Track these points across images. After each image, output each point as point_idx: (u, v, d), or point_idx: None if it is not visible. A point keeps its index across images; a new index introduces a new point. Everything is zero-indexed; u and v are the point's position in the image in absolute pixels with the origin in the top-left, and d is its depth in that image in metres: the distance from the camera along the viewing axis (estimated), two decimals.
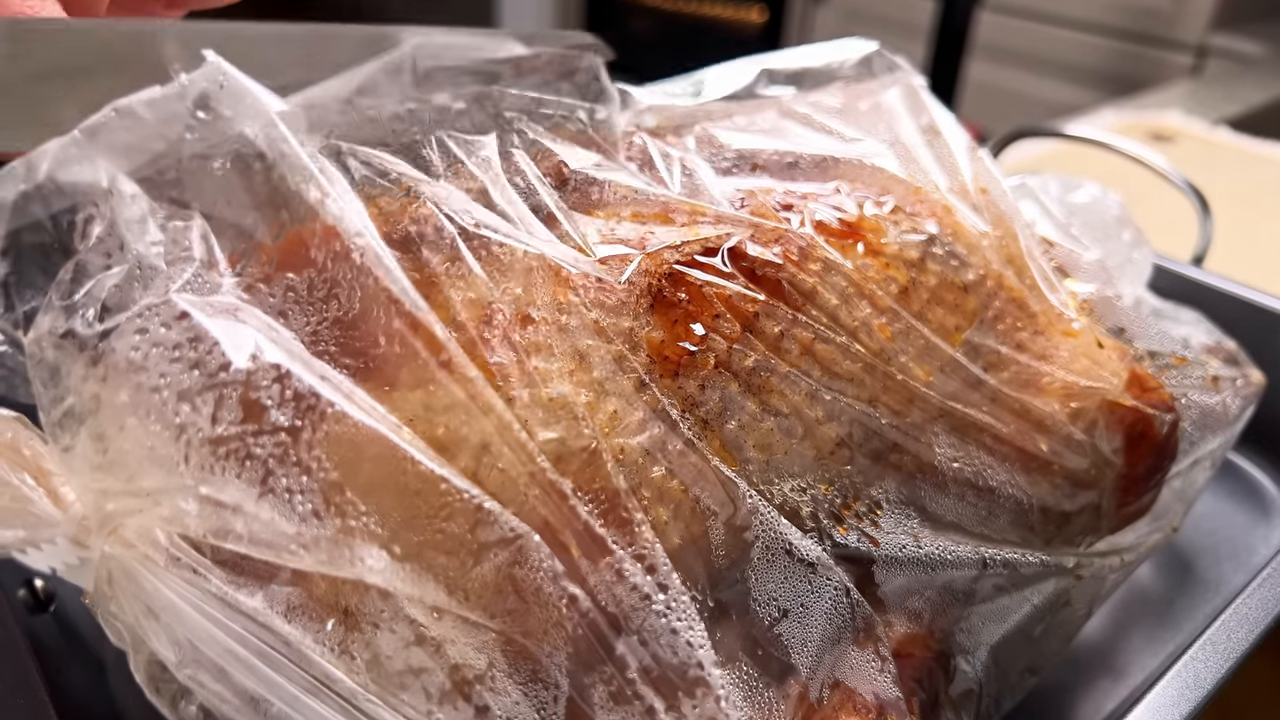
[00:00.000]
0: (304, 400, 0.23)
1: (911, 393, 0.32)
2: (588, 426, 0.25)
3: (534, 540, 0.23)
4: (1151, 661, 0.42)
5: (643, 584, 0.24)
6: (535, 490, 0.24)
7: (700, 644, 0.23)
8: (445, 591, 0.22)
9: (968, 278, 0.35)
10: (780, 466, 0.29)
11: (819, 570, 0.27)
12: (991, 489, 0.33)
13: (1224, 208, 0.64)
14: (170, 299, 0.25)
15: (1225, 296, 0.54)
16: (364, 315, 0.26)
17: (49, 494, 0.24)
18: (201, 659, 0.22)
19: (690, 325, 0.28)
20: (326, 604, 0.23)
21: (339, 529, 0.23)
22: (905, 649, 0.32)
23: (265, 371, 0.24)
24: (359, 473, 0.23)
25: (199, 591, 0.22)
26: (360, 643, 0.22)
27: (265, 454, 0.23)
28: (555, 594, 0.23)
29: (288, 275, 0.27)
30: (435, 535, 0.23)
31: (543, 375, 0.26)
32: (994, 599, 0.34)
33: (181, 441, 0.23)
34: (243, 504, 0.23)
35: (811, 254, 0.31)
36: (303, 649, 0.22)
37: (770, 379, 0.29)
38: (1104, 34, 1.69)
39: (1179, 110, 1.20)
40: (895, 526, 0.31)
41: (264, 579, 0.23)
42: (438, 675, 0.22)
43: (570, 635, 0.23)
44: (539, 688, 0.23)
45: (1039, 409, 0.34)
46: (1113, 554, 0.38)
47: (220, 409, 0.23)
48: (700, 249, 0.30)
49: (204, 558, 0.23)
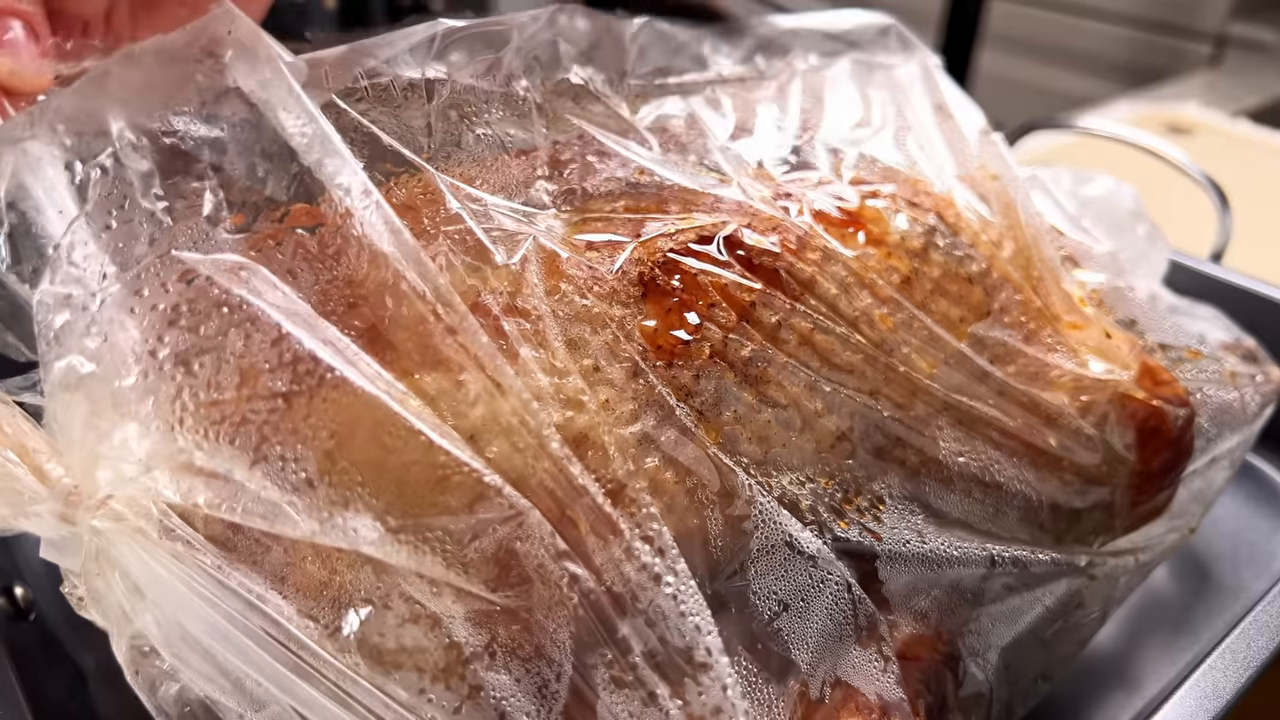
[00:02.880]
0: (303, 365, 0.24)
1: (915, 385, 0.32)
2: (584, 413, 0.26)
3: (535, 517, 0.23)
4: (1168, 671, 0.42)
5: (652, 564, 0.24)
6: (545, 463, 0.24)
7: (708, 630, 0.23)
8: (443, 564, 0.23)
9: (973, 269, 0.35)
10: (778, 459, 0.29)
11: (819, 564, 0.28)
12: (999, 485, 0.33)
13: (1243, 202, 0.64)
14: (171, 257, 0.26)
15: (1245, 293, 0.54)
16: (373, 281, 0.26)
17: (33, 470, 0.24)
18: (189, 638, 0.22)
19: (684, 314, 0.28)
20: (319, 581, 0.23)
21: (332, 498, 0.23)
22: (912, 650, 0.32)
23: (265, 334, 0.24)
24: (356, 441, 0.23)
25: (189, 568, 0.23)
26: (353, 620, 0.23)
27: (260, 420, 0.23)
28: (557, 572, 0.23)
29: (298, 232, 0.27)
30: (433, 507, 0.23)
31: (533, 363, 0.26)
32: (1004, 599, 0.34)
33: (177, 405, 0.24)
34: (236, 471, 0.23)
35: (810, 242, 0.32)
36: (293, 627, 0.22)
37: (767, 369, 0.29)
38: (1120, 23, 1.69)
39: (1197, 101, 1.20)
40: (898, 522, 0.31)
41: (256, 556, 0.23)
42: (433, 653, 0.23)
43: (573, 614, 0.23)
44: (541, 665, 0.23)
45: (1048, 402, 0.34)
46: (1127, 553, 0.38)
47: (218, 373, 0.24)
48: (695, 237, 0.30)
49: (195, 532, 0.23)
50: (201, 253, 0.26)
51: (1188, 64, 1.60)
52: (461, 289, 0.27)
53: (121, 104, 0.26)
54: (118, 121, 0.27)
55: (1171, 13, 1.64)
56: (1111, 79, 1.68)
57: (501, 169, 0.32)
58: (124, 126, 0.26)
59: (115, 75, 0.26)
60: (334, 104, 0.29)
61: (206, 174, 0.27)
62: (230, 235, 0.27)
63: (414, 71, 0.32)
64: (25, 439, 0.25)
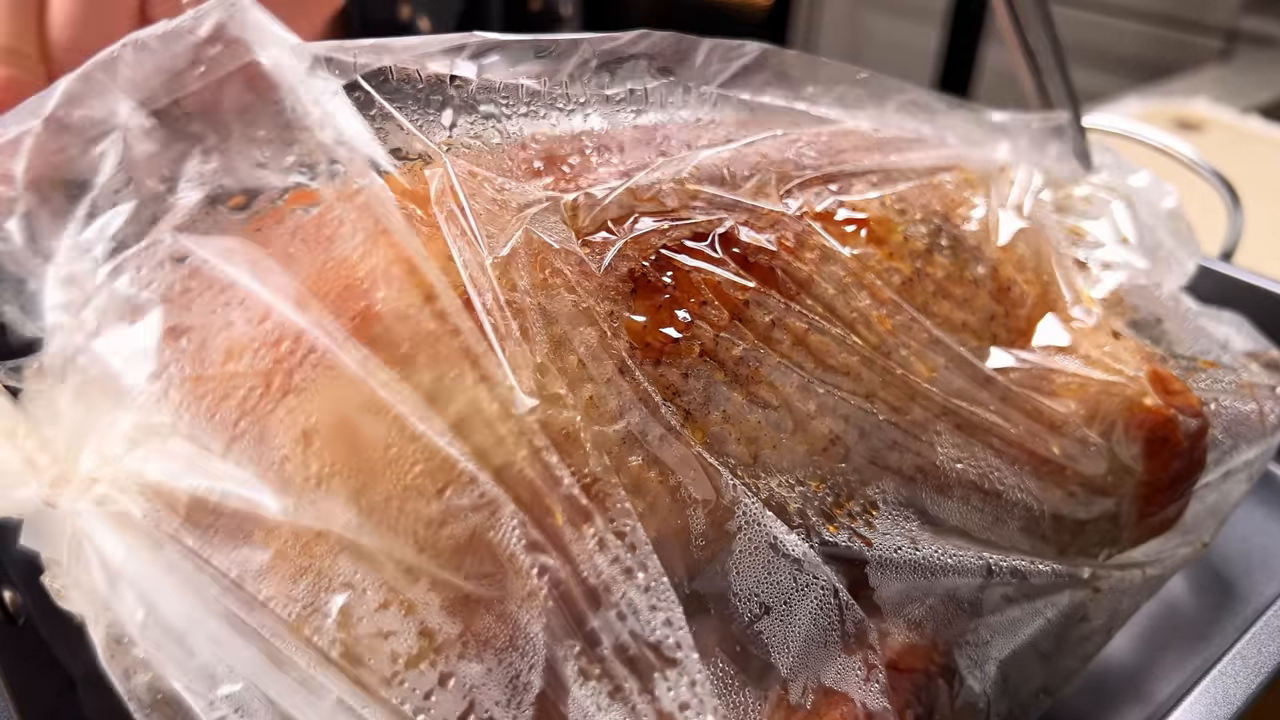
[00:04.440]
0: (286, 345, 0.24)
1: (913, 389, 0.32)
2: (566, 409, 0.26)
3: (509, 507, 0.23)
4: (1178, 676, 0.42)
5: (624, 558, 0.24)
6: (524, 453, 0.24)
7: (679, 625, 0.24)
8: (415, 549, 0.23)
9: (978, 271, 0.35)
10: (768, 461, 0.29)
11: (805, 567, 0.28)
12: (998, 493, 0.33)
13: (1255, 199, 0.63)
14: (167, 239, 0.26)
15: (1257, 292, 0.53)
16: (365, 265, 0.26)
17: (18, 452, 0.25)
18: (164, 623, 0.23)
19: (675, 311, 0.28)
20: (298, 565, 0.23)
21: (306, 477, 0.23)
22: (905, 660, 0.32)
23: (252, 314, 0.25)
24: (333, 422, 0.24)
25: (167, 552, 0.23)
26: (331, 605, 0.23)
27: (242, 397, 0.24)
28: (528, 562, 0.23)
29: (296, 213, 0.28)
30: (405, 490, 0.23)
31: (518, 357, 0.26)
32: (1003, 610, 0.34)
33: (163, 379, 0.24)
34: (215, 448, 0.24)
35: (808, 241, 0.32)
36: (271, 610, 0.23)
37: (759, 370, 0.29)
38: (1128, 17, 1.67)
39: (1207, 97, 1.18)
40: (891, 528, 0.31)
41: (236, 541, 0.24)
42: (406, 640, 0.23)
43: (543, 605, 0.23)
44: (514, 655, 0.23)
45: (1052, 410, 0.34)
46: (1134, 566, 0.38)
47: (203, 349, 0.24)
48: (689, 233, 0.30)
49: (176, 517, 0.24)
50: (201, 233, 0.27)
51: (1198, 59, 1.57)
52: (451, 278, 0.27)
53: (130, 86, 0.27)
54: (126, 104, 0.27)
55: (1181, 7, 1.61)
56: (1120, 74, 1.66)
57: (507, 160, 0.32)
58: (131, 109, 0.27)
59: (125, 59, 0.27)
60: (358, 84, 0.30)
61: (210, 155, 0.28)
62: (230, 215, 0.28)
63: (443, 66, 0.32)
64: (10, 422, 0.25)
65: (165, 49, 0.28)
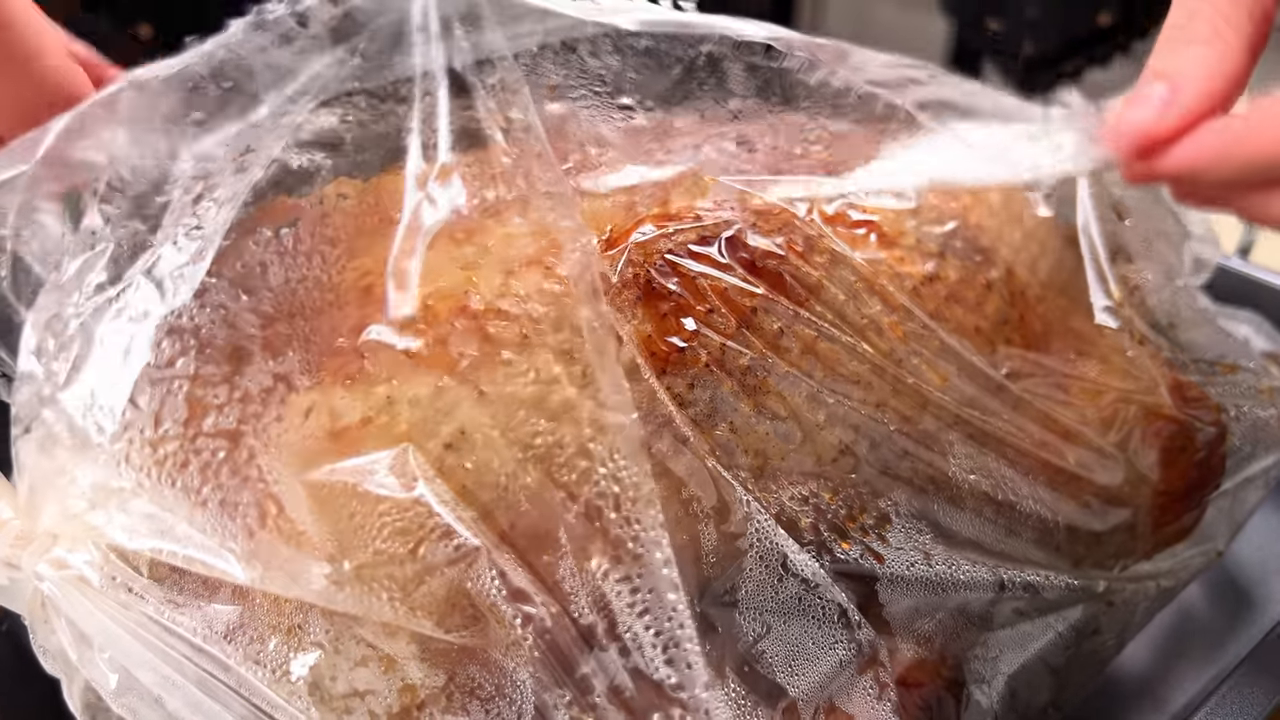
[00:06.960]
0: (251, 405, 0.24)
1: (924, 398, 0.32)
2: (569, 424, 0.26)
3: (485, 556, 0.23)
4: (1194, 685, 0.42)
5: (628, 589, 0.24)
6: (527, 477, 0.24)
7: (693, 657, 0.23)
8: (390, 610, 0.23)
9: (992, 274, 0.35)
10: (778, 473, 0.29)
11: (816, 587, 0.27)
12: (1012, 504, 0.33)
13: None
14: (130, 286, 0.26)
15: (1272, 290, 0.53)
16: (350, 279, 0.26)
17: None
18: (137, 687, 0.23)
19: (680, 319, 0.28)
20: (269, 624, 0.23)
21: (273, 545, 0.23)
22: (914, 676, 0.32)
23: (216, 367, 0.24)
24: (298, 487, 0.23)
25: (135, 614, 0.23)
26: (303, 664, 0.23)
27: (204, 459, 0.23)
28: (510, 613, 0.23)
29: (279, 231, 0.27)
30: (377, 555, 0.23)
31: (519, 369, 0.26)
32: (1013, 624, 0.34)
33: (124, 439, 0.24)
34: (179, 513, 0.23)
35: (818, 245, 0.31)
36: (242, 672, 0.22)
37: (767, 379, 0.29)
38: None
39: None
40: (904, 542, 0.31)
41: (203, 599, 0.23)
42: (386, 696, 0.23)
43: (529, 655, 0.23)
44: (501, 704, 0.23)
45: (1067, 418, 0.34)
46: (1148, 578, 0.38)
47: (164, 406, 0.24)
48: (696, 238, 0.30)
49: (140, 576, 0.23)
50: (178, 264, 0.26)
51: None
52: (448, 289, 0.27)
53: (127, 125, 0.27)
54: (118, 143, 0.28)
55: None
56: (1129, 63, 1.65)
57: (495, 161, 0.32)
58: (124, 148, 0.28)
59: (124, 99, 0.27)
60: None
61: (195, 186, 0.28)
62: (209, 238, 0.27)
63: None
64: None
65: (164, 88, 0.28)
